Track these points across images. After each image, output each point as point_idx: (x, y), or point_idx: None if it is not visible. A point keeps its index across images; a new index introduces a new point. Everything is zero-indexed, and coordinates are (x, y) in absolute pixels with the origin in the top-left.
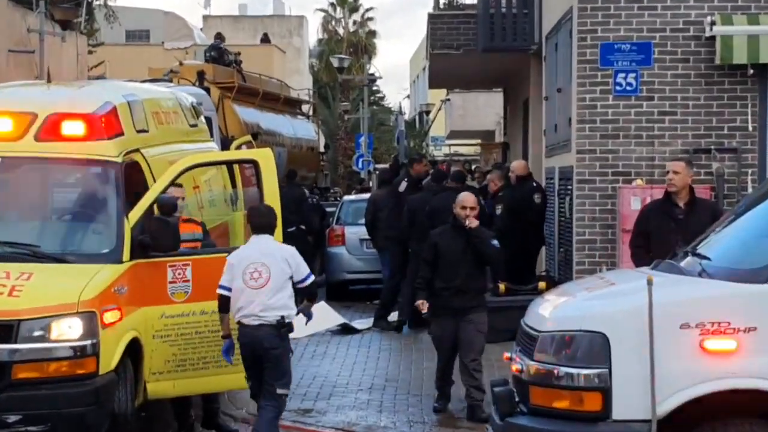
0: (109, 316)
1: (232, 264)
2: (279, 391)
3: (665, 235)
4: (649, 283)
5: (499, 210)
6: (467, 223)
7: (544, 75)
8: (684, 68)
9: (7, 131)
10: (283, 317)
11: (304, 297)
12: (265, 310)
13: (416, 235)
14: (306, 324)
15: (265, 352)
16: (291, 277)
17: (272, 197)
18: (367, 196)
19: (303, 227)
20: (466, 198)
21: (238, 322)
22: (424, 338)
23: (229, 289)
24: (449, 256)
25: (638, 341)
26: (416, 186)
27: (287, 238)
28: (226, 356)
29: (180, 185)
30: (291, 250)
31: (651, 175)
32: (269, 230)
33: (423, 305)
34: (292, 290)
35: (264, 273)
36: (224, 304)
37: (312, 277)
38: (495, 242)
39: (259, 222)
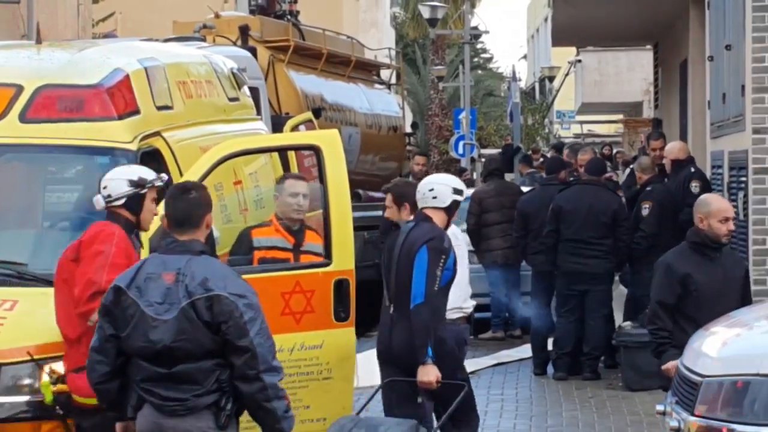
0: None
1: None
2: None
3: None
4: None
5: (646, 209)
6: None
7: (708, 27)
8: None
9: None
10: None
11: None
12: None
13: (531, 249)
14: None
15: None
16: None
17: (339, 195)
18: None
19: None
20: (726, 205)
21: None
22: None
23: None
24: (708, 293)
25: None
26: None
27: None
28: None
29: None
30: None
31: None
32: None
33: (669, 370)
34: None
35: (460, 256)
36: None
37: None
38: None
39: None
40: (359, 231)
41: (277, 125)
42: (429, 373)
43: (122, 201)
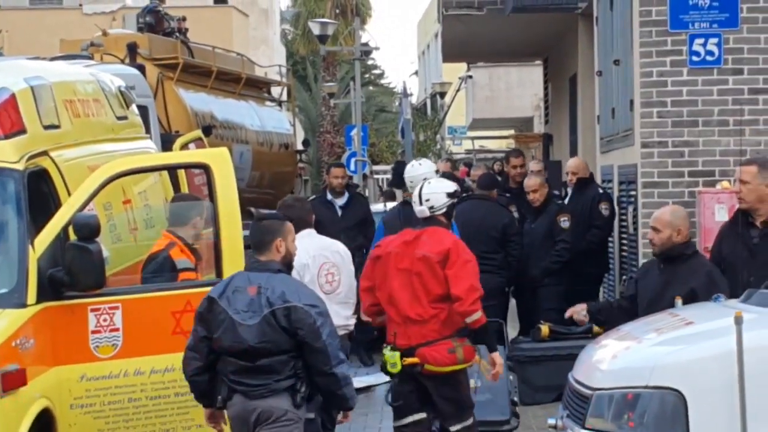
0: (9, 380)
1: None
2: None
3: (738, 267)
4: (738, 321)
5: (566, 222)
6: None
7: (597, 42)
8: None
9: None
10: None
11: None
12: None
13: None
14: None
15: None
16: None
17: (229, 213)
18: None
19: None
20: (654, 214)
21: None
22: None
23: None
24: (643, 300)
25: (725, 399)
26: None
27: None
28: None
29: None
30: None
31: None
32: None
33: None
34: None
35: (346, 275)
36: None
37: None
38: None
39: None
40: (251, 249)
41: (166, 143)
42: None
43: (444, 210)
